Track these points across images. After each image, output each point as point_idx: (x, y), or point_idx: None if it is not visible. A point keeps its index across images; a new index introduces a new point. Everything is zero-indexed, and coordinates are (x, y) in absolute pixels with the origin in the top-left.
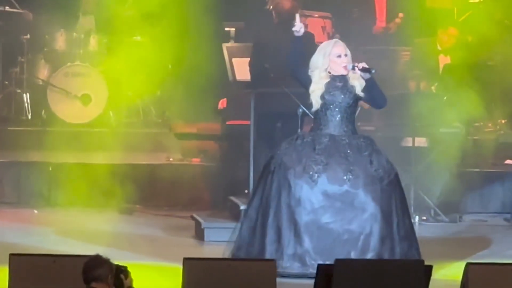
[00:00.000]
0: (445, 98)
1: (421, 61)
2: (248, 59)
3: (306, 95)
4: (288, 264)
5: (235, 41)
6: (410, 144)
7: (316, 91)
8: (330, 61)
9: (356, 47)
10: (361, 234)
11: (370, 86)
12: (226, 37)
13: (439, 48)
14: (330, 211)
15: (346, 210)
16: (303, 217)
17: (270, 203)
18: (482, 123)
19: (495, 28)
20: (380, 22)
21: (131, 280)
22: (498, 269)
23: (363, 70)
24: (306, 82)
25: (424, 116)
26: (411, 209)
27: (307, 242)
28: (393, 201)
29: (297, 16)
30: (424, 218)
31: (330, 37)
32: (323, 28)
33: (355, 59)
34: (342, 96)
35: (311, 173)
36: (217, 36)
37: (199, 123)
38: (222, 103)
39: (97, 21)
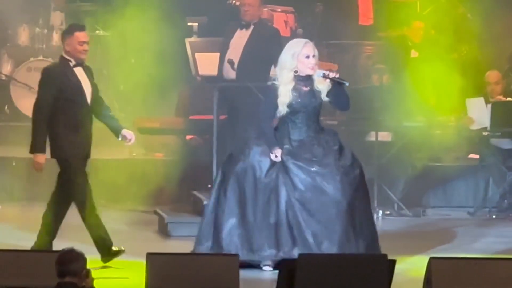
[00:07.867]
0: (404, 89)
1: (386, 55)
2: (211, 53)
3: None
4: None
5: (198, 36)
6: (374, 138)
7: (282, 98)
8: (298, 62)
9: (319, 42)
10: (327, 227)
11: (338, 91)
12: (189, 32)
13: (410, 44)
14: (301, 203)
15: (315, 202)
16: (280, 208)
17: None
18: (445, 117)
19: (457, 22)
20: (368, 19)
21: (91, 280)
22: (461, 263)
23: (335, 81)
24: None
25: (387, 110)
26: (375, 204)
27: (285, 237)
28: (358, 195)
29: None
30: (388, 212)
31: (293, 32)
32: (286, 22)
33: (319, 54)
34: (309, 102)
35: (284, 160)
36: (180, 31)
37: (162, 117)
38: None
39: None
